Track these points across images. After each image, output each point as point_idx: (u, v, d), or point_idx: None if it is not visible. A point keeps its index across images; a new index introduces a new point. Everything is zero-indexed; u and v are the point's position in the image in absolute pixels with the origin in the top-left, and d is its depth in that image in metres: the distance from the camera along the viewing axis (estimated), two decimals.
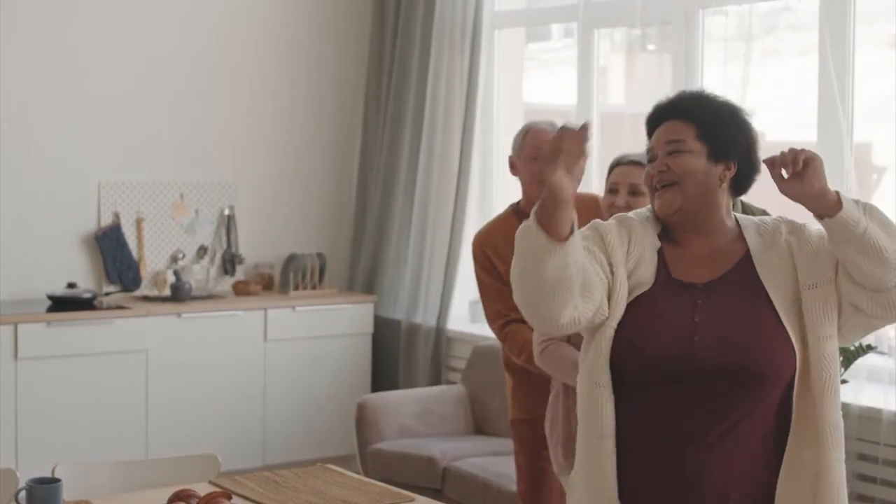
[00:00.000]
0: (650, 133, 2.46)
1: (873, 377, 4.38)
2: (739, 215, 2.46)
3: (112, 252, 5.88)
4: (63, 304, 5.52)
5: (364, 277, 6.38)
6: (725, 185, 2.39)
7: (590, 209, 3.60)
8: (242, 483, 3.07)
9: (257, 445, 5.87)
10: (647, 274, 2.36)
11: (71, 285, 5.63)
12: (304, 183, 6.47)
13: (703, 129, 2.38)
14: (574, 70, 5.63)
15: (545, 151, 2.22)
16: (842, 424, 2.31)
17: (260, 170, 6.34)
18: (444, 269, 5.97)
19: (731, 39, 4.95)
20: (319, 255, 6.28)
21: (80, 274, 5.82)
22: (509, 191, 6.18)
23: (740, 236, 2.41)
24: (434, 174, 6.00)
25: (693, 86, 4.98)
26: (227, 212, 6.21)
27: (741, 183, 2.43)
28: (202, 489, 2.93)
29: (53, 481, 2.75)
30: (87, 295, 5.61)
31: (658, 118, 2.45)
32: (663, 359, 2.30)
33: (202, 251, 6.16)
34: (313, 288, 6.20)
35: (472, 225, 6.07)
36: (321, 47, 6.45)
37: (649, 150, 2.43)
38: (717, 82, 4.90)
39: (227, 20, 6.20)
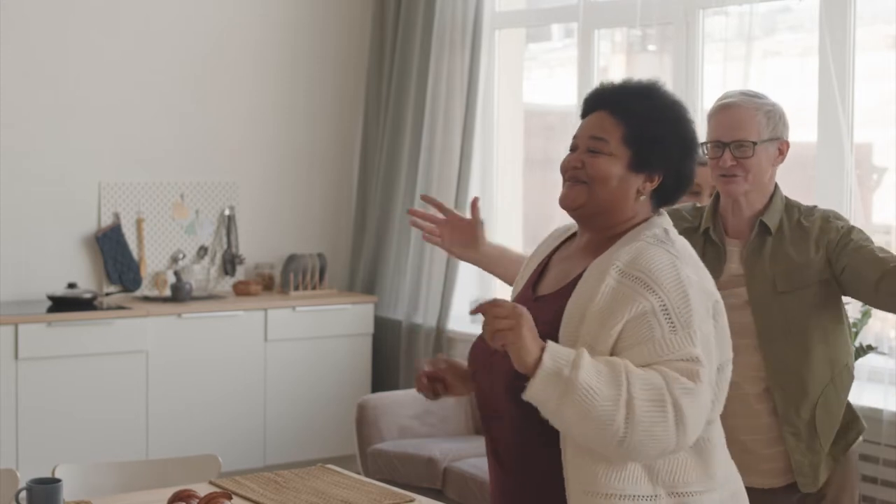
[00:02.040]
0: (585, 114, 2.27)
1: (873, 377, 4.38)
2: (660, 231, 2.21)
3: (112, 252, 5.88)
4: (63, 304, 5.52)
5: (364, 278, 6.38)
6: (644, 197, 2.21)
7: None
8: (243, 483, 3.07)
9: (258, 446, 5.87)
10: (516, 292, 2.35)
11: (71, 285, 5.63)
12: (304, 183, 6.47)
13: (633, 134, 2.19)
14: (574, 70, 5.64)
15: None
16: None
17: (260, 170, 6.34)
18: (445, 270, 5.97)
19: (732, 40, 4.95)
20: (320, 256, 6.28)
21: (81, 274, 5.82)
22: (510, 190, 6.19)
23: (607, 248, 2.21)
24: (434, 174, 6.00)
25: (694, 86, 4.98)
26: (227, 212, 6.21)
27: (667, 195, 2.25)
28: (202, 490, 2.93)
29: (54, 482, 2.75)
30: (88, 295, 5.61)
31: (595, 103, 2.26)
32: (473, 375, 2.31)
33: (202, 251, 6.16)
34: (314, 288, 6.20)
35: None
36: (321, 47, 6.45)
37: (574, 137, 2.26)
38: (717, 82, 4.91)
39: (227, 20, 6.20)
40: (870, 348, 4.17)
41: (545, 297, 2.25)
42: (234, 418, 5.80)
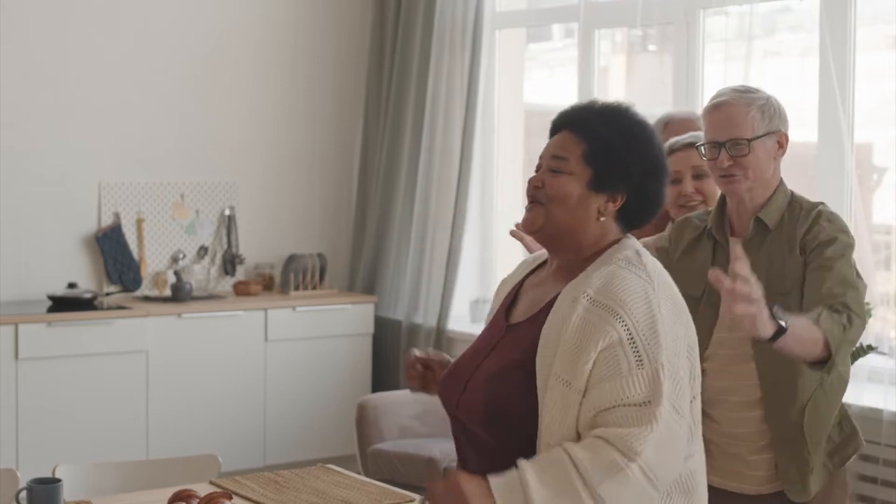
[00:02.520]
0: (552, 135, 2.25)
1: (873, 377, 4.38)
2: (632, 253, 2.16)
3: (112, 252, 5.88)
4: (63, 304, 5.52)
5: (364, 278, 6.38)
6: (607, 218, 2.16)
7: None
8: (243, 483, 3.07)
9: (258, 446, 5.87)
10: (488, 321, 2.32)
11: (71, 285, 5.63)
12: (304, 183, 6.47)
13: (593, 151, 2.14)
14: (575, 70, 5.64)
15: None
16: None
17: (260, 170, 6.34)
18: (445, 270, 5.97)
19: (732, 40, 4.95)
20: (320, 256, 6.28)
21: (81, 274, 5.82)
22: (510, 191, 6.19)
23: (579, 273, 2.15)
24: (434, 174, 6.00)
25: (694, 86, 4.98)
26: (227, 212, 6.21)
27: (632, 218, 2.19)
28: (203, 489, 2.93)
29: (54, 481, 2.75)
30: (88, 295, 5.61)
31: (560, 123, 2.23)
32: (445, 403, 2.28)
33: (202, 251, 6.16)
34: (314, 288, 6.20)
35: (473, 225, 6.08)
36: (321, 47, 6.45)
37: (539, 157, 2.24)
38: (717, 82, 4.90)
39: (227, 20, 6.20)
40: (870, 348, 4.16)
41: (518, 324, 2.21)
42: (234, 418, 5.80)
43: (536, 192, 2.18)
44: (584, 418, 2.03)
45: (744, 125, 2.80)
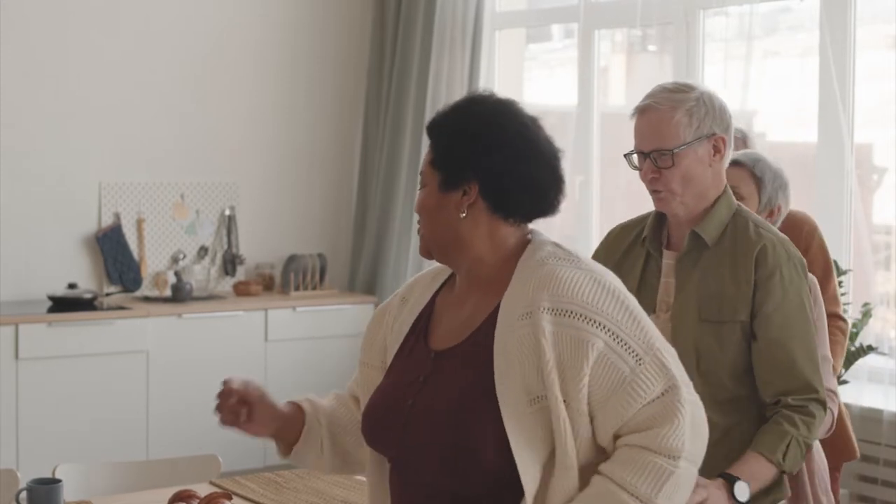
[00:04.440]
0: None
1: (873, 378, 4.39)
2: (552, 247, 2.01)
3: (113, 252, 5.88)
4: (64, 304, 5.52)
5: (365, 278, 6.38)
6: (471, 213, 2.00)
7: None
8: (243, 484, 3.08)
9: (258, 446, 5.86)
10: (393, 350, 2.15)
11: (72, 286, 5.63)
12: (304, 183, 6.47)
13: (437, 156, 2.03)
14: (575, 71, 5.64)
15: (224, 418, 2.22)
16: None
17: (260, 170, 6.34)
18: None
19: (732, 40, 4.95)
20: (320, 256, 6.28)
21: (81, 274, 5.82)
22: None
23: (505, 283, 1.99)
24: None
25: None
26: (227, 212, 6.21)
27: (505, 204, 2.00)
28: (203, 490, 2.93)
29: (54, 482, 2.75)
30: (88, 295, 5.61)
31: None
32: (377, 445, 2.11)
33: (203, 252, 6.16)
34: (314, 288, 6.20)
35: None
36: (321, 47, 6.45)
37: None
38: (717, 82, 4.91)
39: (227, 20, 6.20)
40: (870, 348, 4.17)
41: (452, 349, 2.03)
42: None
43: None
44: (605, 436, 1.91)
45: (667, 133, 2.48)
